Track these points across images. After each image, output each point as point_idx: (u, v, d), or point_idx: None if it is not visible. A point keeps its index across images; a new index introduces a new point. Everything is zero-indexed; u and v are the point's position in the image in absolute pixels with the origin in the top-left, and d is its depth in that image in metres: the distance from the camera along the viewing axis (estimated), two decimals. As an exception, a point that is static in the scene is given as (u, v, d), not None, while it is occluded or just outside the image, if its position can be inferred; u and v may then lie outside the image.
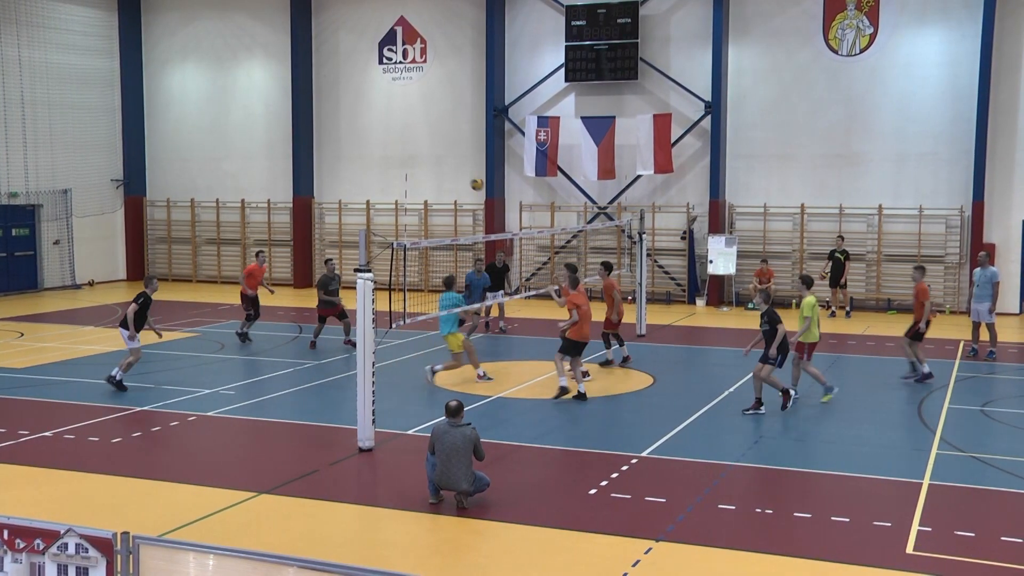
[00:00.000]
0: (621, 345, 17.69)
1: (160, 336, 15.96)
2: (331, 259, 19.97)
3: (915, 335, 16.41)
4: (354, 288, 12.23)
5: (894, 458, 11.98)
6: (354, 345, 18.95)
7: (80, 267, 31.44)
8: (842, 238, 24.67)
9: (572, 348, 14.80)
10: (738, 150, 26.84)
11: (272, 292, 21.53)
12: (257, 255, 20.61)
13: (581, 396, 14.74)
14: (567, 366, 15.29)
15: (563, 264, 15.71)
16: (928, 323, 16.31)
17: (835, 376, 16.21)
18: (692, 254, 26.90)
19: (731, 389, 15.82)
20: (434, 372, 15.90)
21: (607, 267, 18.06)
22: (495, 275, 20.79)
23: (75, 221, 31.25)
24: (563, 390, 14.57)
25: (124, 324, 15.37)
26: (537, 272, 28.78)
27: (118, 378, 15.23)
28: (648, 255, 25.42)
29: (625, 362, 17.83)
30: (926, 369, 16.17)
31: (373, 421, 12.09)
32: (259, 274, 20.08)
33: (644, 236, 21.73)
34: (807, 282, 14.97)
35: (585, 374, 15.84)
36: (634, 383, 16.48)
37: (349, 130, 30.98)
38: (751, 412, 13.57)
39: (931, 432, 13.11)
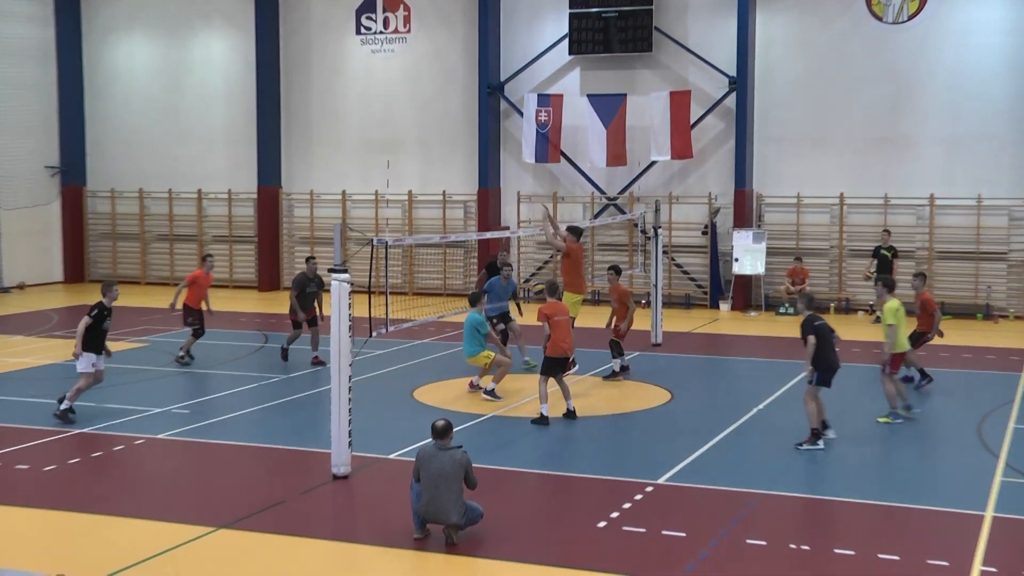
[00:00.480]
0: (620, 356, 17.64)
1: (108, 354, 15.22)
2: (312, 258, 19.67)
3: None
4: (329, 291, 12.14)
5: (951, 486, 11.91)
6: (322, 363, 18.58)
7: (9, 267, 31.35)
8: (888, 232, 24.63)
9: (551, 366, 14.78)
10: (767, 132, 26.82)
11: (210, 312, 19.49)
12: (205, 259, 19.53)
13: (570, 413, 14.71)
14: (552, 386, 15.18)
15: (546, 282, 15.65)
16: (940, 334, 16.78)
17: (876, 391, 16.16)
18: (715, 251, 26.87)
19: (760, 406, 15.76)
20: (492, 393, 15.89)
21: (616, 271, 18.06)
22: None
23: (3, 214, 31.15)
24: (543, 419, 14.47)
25: (93, 347, 14.79)
26: (538, 272, 28.74)
27: (63, 408, 14.63)
28: (664, 253, 25.40)
29: (622, 373, 17.80)
30: (911, 373, 16.82)
31: (349, 444, 12.02)
32: (205, 284, 19.15)
33: (660, 231, 21.69)
34: (888, 284, 14.77)
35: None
36: (648, 399, 16.42)
37: (322, 111, 30.93)
38: (806, 447, 13.31)
39: (993, 456, 13.03)
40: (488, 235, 18.45)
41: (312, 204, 30.80)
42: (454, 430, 10.00)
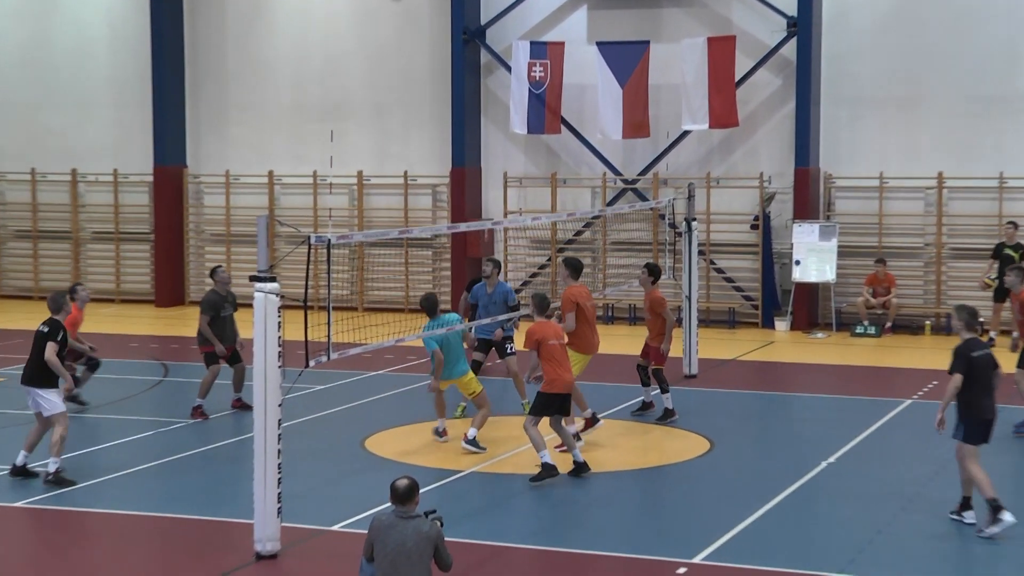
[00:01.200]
0: (663, 390, 17.67)
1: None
2: (221, 267, 19.48)
3: None
4: (250, 306, 12.14)
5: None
6: (247, 407, 18.15)
7: None
8: (1014, 225, 24.73)
9: (546, 405, 14.76)
10: (839, 92, 26.91)
11: (93, 351, 18.74)
12: (72, 291, 18.10)
13: (580, 467, 14.70)
14: (552, 430, 15.15)
15: (540, 293, 15.47)
16: None
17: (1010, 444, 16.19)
18: (768, 252, 26.93)
19: (831, 459, 15.79)
20: (473, 442, 15.94)
21: (653, 272, 18.01)
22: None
23: None
24: (548, 468, 14.41)
25: (36, 379, 14.78)
26: (532, 279, 28.77)
27: (55, 470, 14.66)
28: (701, 254, 25.45)
29: (644, 410, 17.93)
30: None
31: (278, 512, 12.01)
32: (78, 322, 18.35)
33: (695, 225, 21.73)
34: None
35: (576, 437, 15.82)
36: (680, 450, 16.43)
37: (241, 64, 30.94)
38: (957, 518, 13.21)
39: None
40: (463, 227, 18.41)
41: (228, 190, 30.78)
42: (420, 492, 9.99)
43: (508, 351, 18.18)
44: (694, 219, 21.74)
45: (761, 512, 13.49)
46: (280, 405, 11.90)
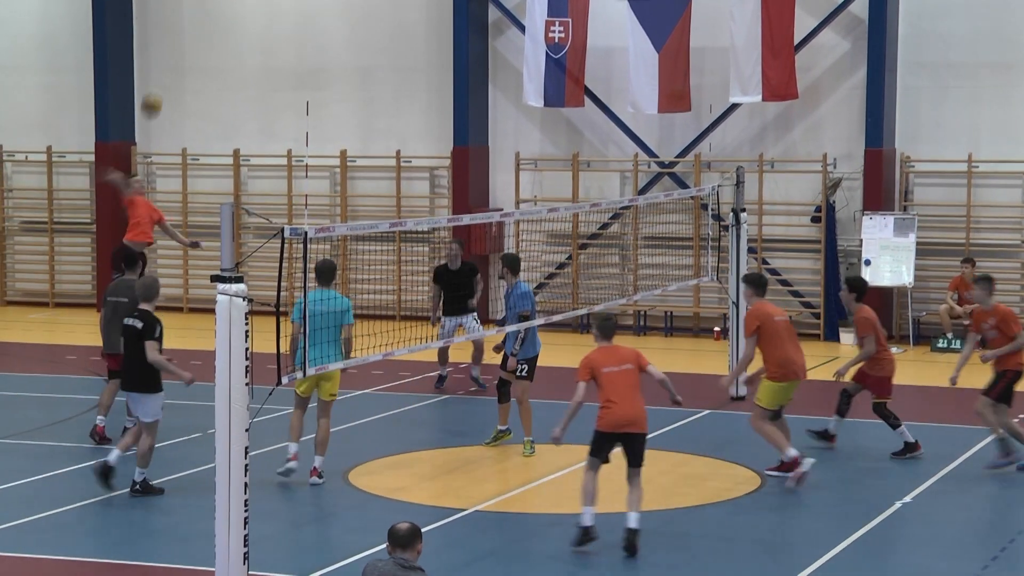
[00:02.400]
0: (894, 425, 17.89)
1: None
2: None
3: (1001, 393, 16.97)
4: (211, 311, 12.19)
5: None
6: (100, 435, 18.52)
7: None
8: None
9: (598, 445, 14.31)
10: (920, 57, 26.95)
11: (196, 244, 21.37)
12: (128, 185, 20.32)
13: (630, 538, 14.04)
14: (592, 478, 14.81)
15: (598, 319, 15.25)
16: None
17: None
18: (832, 249, 26.97)
19: (906, 498, 15.84)
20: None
21: (855, 288, 18.18)
22: (451, 283, 21.59)
23: None
24: (585, 532, 14.19)
25: (138, 383, 15.74)
26: (550, 279, 28.81)
27: (142, 479, 15.78)
28: (751, 251, 25.48)
29: (822, 439, 18.19)
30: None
31: (245, 558, 12.08)
32: (152, 209, 20.32)
33: (744, 217, 21.77)
34: None
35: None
36: (724, 486, 16.49)
37: (200, 23, 31.03)
38: None
39: None
40: (467, 219, 18.44)
41: (185, 172, 30.86)
42: (422, 536, 10.07)
43: (520, 372, 18.07)
44: (743, 210, 21.78)
45: (819, 564, 13.54)
46: (247, 430, 11.94)
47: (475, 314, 21.79)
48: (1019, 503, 15.70)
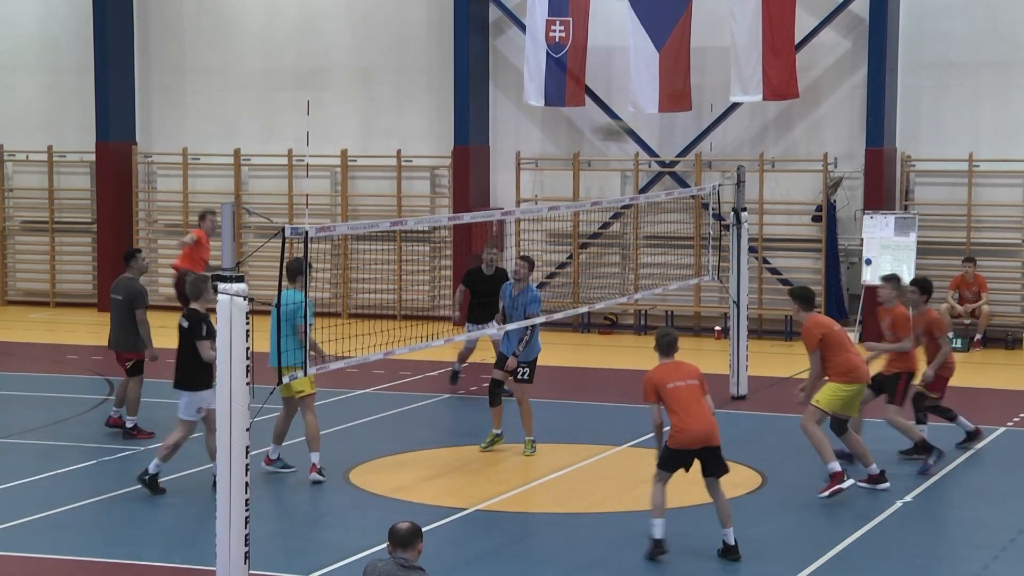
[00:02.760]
0: (923, 419, 17.77)
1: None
2: (139, 250, 20.00)
3: (903, 397, 17.20)
4: (211, 311, 12.20)
5: None
6: (121, 427, 18.77)
7: None
8: None
9: (671, 461, 13.83)
10: (920, 57, 26.94)
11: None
12: (202, 218, 20.77)
13: (730, 551, 13.69)
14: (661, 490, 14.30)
15: (660, 333, 14.72)
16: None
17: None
18: (834, 249, 26.96)
19: (906, 498, 15.82)
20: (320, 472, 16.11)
21: (926, 289, 17.92)
22: (482, 288, 20.61)
23: None
24: (656, 544, 13.73)
25: (192, 380, 15.75)
26: (551, 278, 28.80)
27: (154, 472, 15.82)
28: (752, 251, 25.46)
29: (970, 441, 18.05)
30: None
31: (246, 558, 12.08)
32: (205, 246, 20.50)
33: (744, 216, 21.77)
34: None
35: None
36: (726, 484, 16.44)
37: (201, 23, 31.01)
38: None
39: None
40: (467, 218, 18.44)
41: (186, 171, 30.84)
42: (423, 535, 10.07)
43: (520, 376, 17.86)
44: (744, 209, 21.76)
45: (821, 562, 13.54)
46: (248, 430, 11.94)
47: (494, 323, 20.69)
48: (1019, 502, 15.69)
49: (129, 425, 18.68)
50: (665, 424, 13.59)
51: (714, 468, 13.68)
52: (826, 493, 15.61)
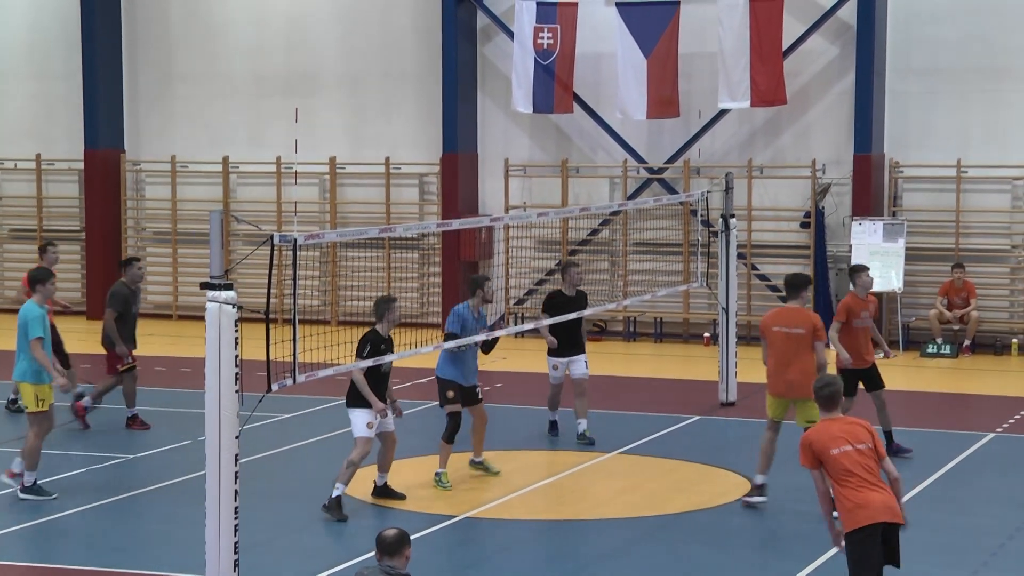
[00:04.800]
0: None
1: (398, 412, 16.16)
2: (137, 259, 20.27)
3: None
4: (201, 318, 12.17)
5: None
6: (144, 426, 19.24)
7: None
8: None
9: (866, 555, 11.15)
10: (909, 63, 26.98)
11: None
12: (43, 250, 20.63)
13: None
14: None
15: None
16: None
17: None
18: (822, 255, 26.98)
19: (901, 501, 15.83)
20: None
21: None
22: (566, 312, 18.77)
23: None
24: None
25: (347, 396, 15.69)
26: (540, 285, 28.81)
27: (336, 495, 15.24)
28: (740, 257, 25.50)
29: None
30: None
31: (235, 565, 12.06)
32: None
33: (733, 222, 21.78)
34: None
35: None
36: (715, 492, 16.50)
37: (189, 29, 31.01)
38: None
39: None
40: (456, 225, 18.43)
41: (174, 179, 30.82)
42: (412, 541, 10.05)
43: (480, 397, 16.99)
44: (732, 215, 21.77)
45: (810, 569, 13.54)
46: (237, 437, 11.92)
47: (585, 355, 19.19)
48: (1011, 506, 15.70)
49: (129, 415, 19.43)
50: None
51: (895, 555, 11.02)
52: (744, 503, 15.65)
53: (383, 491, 15.82)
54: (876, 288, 26.15)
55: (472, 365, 16.85)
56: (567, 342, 18.77)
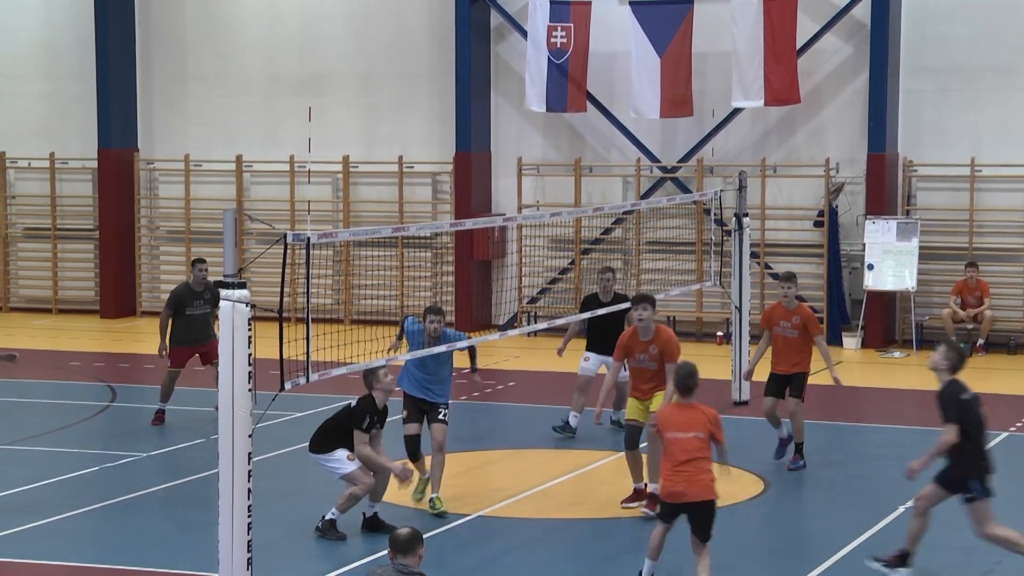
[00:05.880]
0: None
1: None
2: (203, 261, 20.32)
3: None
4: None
5: None
6: (157, 419, 19.55)
7: None
8: None
9: (665, 514, 12.72)
10: (922, 61, 26.96)
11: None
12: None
13: None
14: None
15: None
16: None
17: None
18: (836, 254, 26.96)
19: (909, 503, 15.79)
20: None
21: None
22: (603, 318, 18.78)
23: None
24: None
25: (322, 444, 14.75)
26: (553, 284, 28.79)
27: (330, 517, 14.69)
28: (754, 256, 25.48)
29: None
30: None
31: (248, 564, 12.08)
32: None
33: (746, 221, 21.76)
34: None
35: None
36: (728, 491, 16.37)
37: (203, 30, 31.04)
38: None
39: None
40: (469, 224, 18.46)
41: (188, 178, 30.86)
42: (425, 541, 10.06)
43: (440, 416, 15.90)
44: (746, 214, 21.76)
45: (824, 567, 13.54)
46: (250, 436, 11.95)
47: None
48: (1021, 508, 15.66)
49: (158, 408, 19.73)
50: None
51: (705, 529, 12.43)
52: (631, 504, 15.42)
53: (373, 523, 14.71)
54: (889, 287, 26.36)
55: (430, 377, 15.85)
56: (606, 341, 18.34)
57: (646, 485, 15.32)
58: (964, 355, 13.45)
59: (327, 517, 14.69)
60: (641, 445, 15.37)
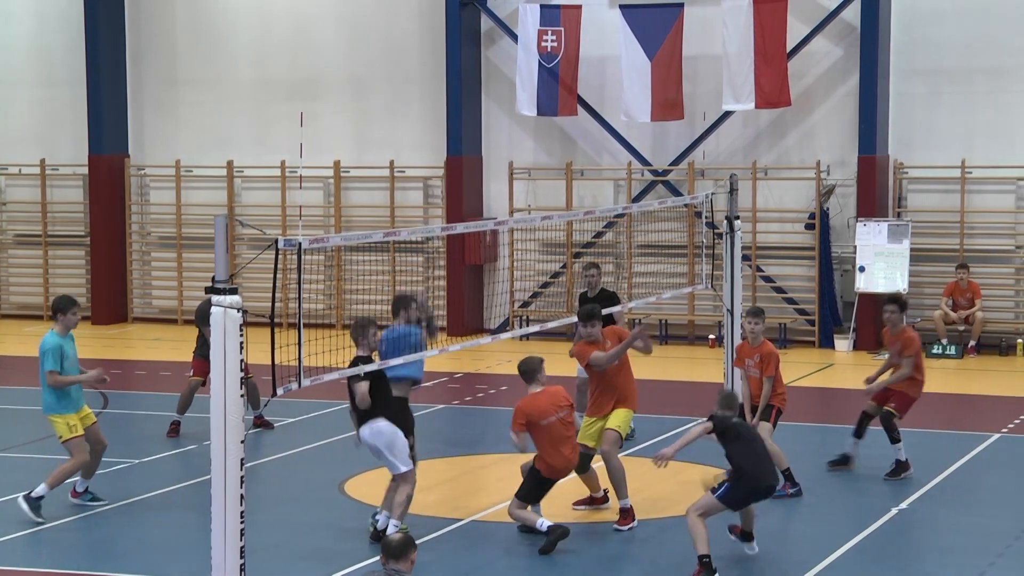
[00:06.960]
0: (894, 439, 17.18)
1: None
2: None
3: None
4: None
5: None
6: (266, 425, 19.58)
7: None
8: None
9: (536, 490, 14.49)
10: (913, 64, 27.00)
11: None
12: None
13: (556, 532, 14.07)
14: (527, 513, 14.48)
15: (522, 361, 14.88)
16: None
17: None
18: (827, 256, 26.99)
19: (902, 505, 15.84)
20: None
21: (902, 306, 17.70)
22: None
23: None
24: (555, 531, 14.08)
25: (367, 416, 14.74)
26: (545, 288, 28.80)
27: (386, 526, 14.37)
28: (745, 259, 25.49)
29: (842, 464, 17.47)
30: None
31: (241, 570, 12.07)
32: None
33: (738, 224, 21.78)
34: None
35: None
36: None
37: (193, 35, 31.05)
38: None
39: None
40: (461, 228, 18.45)
41: (179, 184, 30.86)
42: (417, 546, 10.06)
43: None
44: (737, 217, 21.73)
45: (817, 570, 13.57)
46: (243, 442, 11.94)
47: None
48: (1017, 506, 15.70)
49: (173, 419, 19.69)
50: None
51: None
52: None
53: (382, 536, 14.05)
54: (880, 289, 26.37)
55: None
56: None
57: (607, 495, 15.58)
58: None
59: (390, 530, 14.01)
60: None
